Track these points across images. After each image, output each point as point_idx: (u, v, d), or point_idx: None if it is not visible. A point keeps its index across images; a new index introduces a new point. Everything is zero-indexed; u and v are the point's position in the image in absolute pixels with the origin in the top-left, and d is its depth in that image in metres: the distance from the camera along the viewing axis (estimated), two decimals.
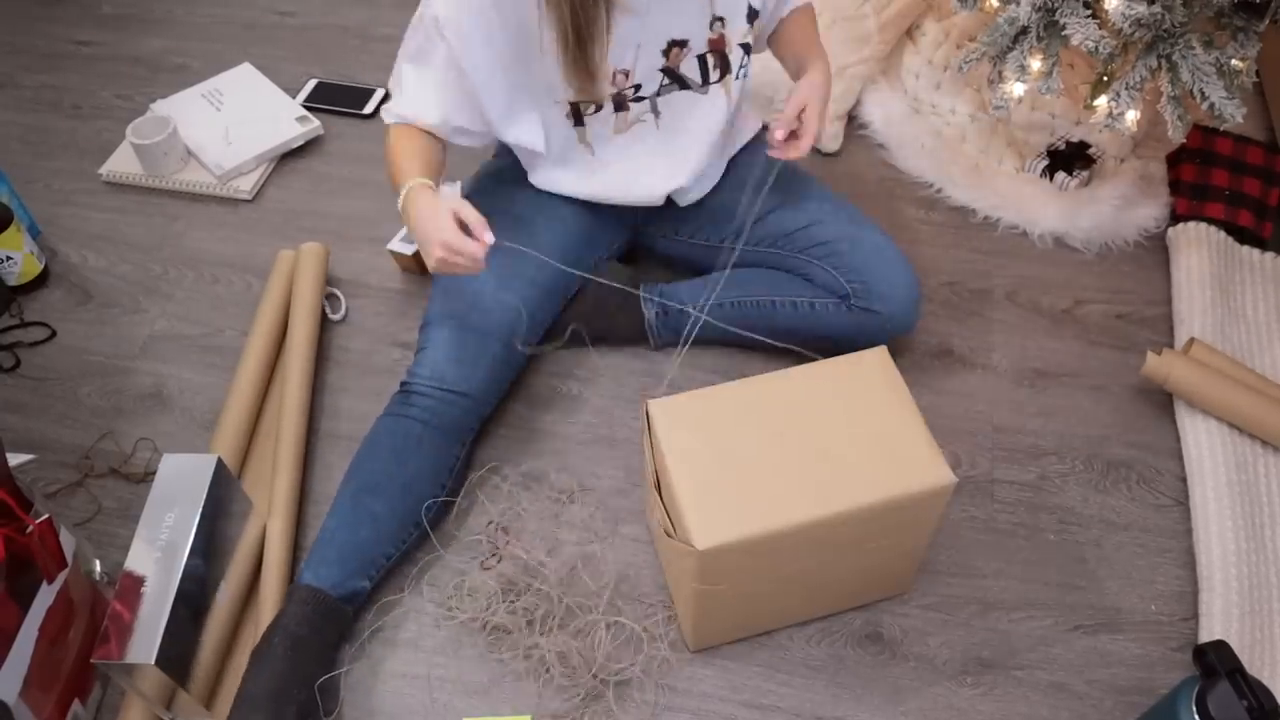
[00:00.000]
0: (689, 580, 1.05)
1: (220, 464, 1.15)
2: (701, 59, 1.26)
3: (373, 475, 1.23)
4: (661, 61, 1.24)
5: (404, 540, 1.23)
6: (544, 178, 1.36)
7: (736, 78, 1.30)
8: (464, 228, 1.12)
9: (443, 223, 1.11)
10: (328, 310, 1.52)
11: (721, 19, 1.24)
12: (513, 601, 1.22)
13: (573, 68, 1.17)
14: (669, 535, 1.07)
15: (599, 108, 1.26)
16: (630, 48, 1.21)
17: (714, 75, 1.28)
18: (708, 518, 1.01)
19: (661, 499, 1.09)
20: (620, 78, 1.23)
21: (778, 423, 1.08)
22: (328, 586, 1.15)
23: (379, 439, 1.25)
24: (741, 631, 1.18)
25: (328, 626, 1.14)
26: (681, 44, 1.23)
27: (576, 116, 1.27)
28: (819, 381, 1.12)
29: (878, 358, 1.13)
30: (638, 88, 1.26)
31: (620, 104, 1.27)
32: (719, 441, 1.07)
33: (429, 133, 1.25)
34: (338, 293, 1.55)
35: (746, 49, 1.28)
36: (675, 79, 1.27)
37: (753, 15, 1.25)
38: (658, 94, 1.27)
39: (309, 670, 1.10)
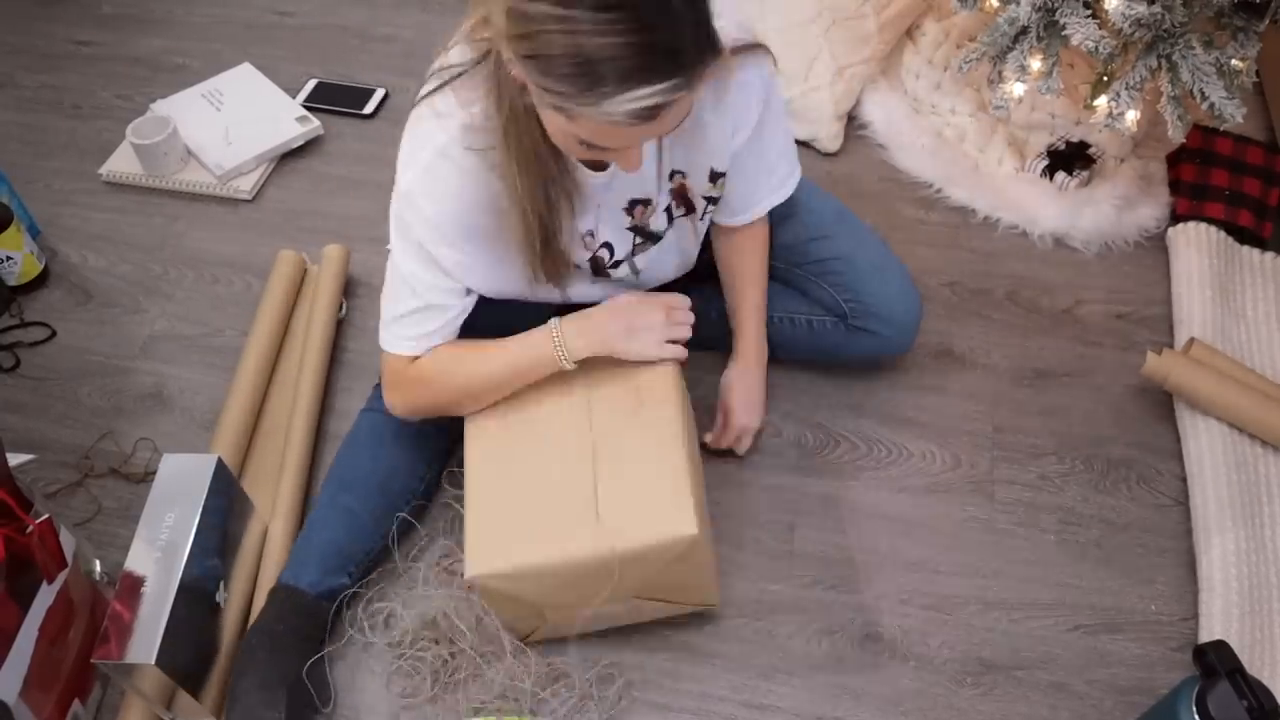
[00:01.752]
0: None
1: (220, 464, 1.15)
2: (667, 209, 1.16)
3: (349, 472, 1.23)
4: (627, 220, 1.14)
5: (382, 535, 1.23)
6: None
7: (701, 218, 1.20)
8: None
9: (641, 302, 1.10)
10: None
11: (682, 172, 1.13)
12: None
13: (540, 264, 1.07)
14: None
15: (576, 267, 1.17)
16: (590, 210, 1.10)
17: (678, 212, 1.18)
18: (485, 546, 1.05)
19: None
20: (588, 239, 1.13)
21: (564, 443, 1.10)
22: (305, 585, 1.15)
23: (357, 435, 1.26)
24: (551, 634, 1.18)
25: (306, 624, 1.14)
26: (645, 202, 1.13)
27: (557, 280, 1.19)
28: (608, 402, 1.13)
29: (664, 377, 1.14)
30: (611, 250, 1.16)
31: (599, 271, 1.18)
32: (512, 462, 1.11)
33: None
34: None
35: (712, 200, 1.19)
36: (646, 236, 1.17)
37: (715, 176, 1.15)
38: (633, 253, 1.18)
39: (290, 668, 1.10)
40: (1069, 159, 1.65)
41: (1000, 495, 1.32)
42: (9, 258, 1.53)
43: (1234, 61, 1.37)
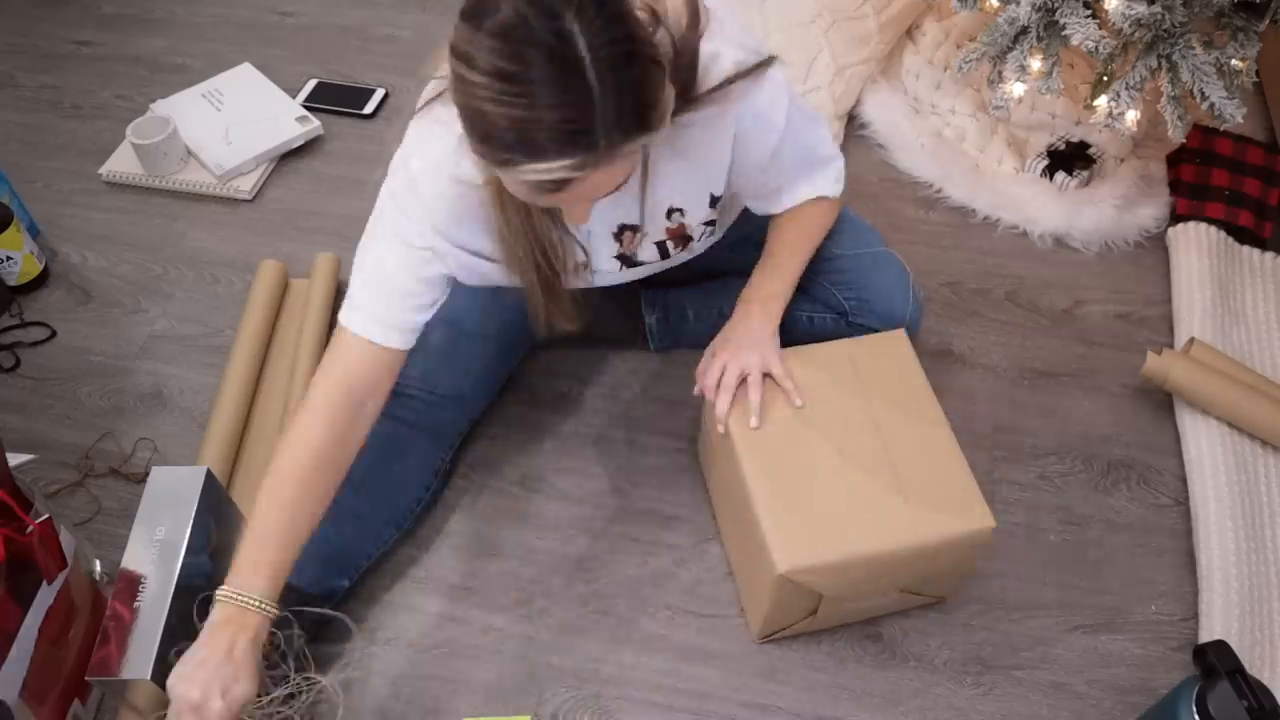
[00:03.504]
0: (765, 590, 1.09)
1: (210, 476, 1.14)
2: (660, 245, 1.14)
3: (359, 474, 1.22)
4: (615, 248, 1.12)
5: (385, 540, 1.23)
6: None
7: (699, 241, 1.18)
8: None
9: (213, 689, 0.91)
10: None
11: (680, 210, 1.10)
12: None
13: (542, 316, 1.07)
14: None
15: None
16: (579, 233, 1.09)
17: (674, 250, 1.16)
18: (789, 540, 1.04)
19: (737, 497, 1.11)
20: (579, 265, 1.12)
21: (835, 428, 1.12)
22: (305, 584, 1.14)
23: (367, 439, 1.25)
24: (806, 628, 1.18)
25: (306, 625, 1.13)
26: (634, 229, 1.10)
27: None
28: (858, 375, 1.17)
29: (897, 343, 1.20)
30: (590, 266, 1.15)
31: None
32: (785, 451, 1.11)
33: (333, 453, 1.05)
34: None
35: (710, 223, 1.16)
36: (630, 265, 1.16)
37: (715, 200, 1.13)
38: (619, 272, 1.18)
39: (287, 668, 1.09)
40: (1069, 159, 1.65)
41: (1000, 495, 1.32)
42: (9, 258, 1.53)
43: (1234, 61, 1.37)
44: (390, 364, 1.08)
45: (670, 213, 1.11)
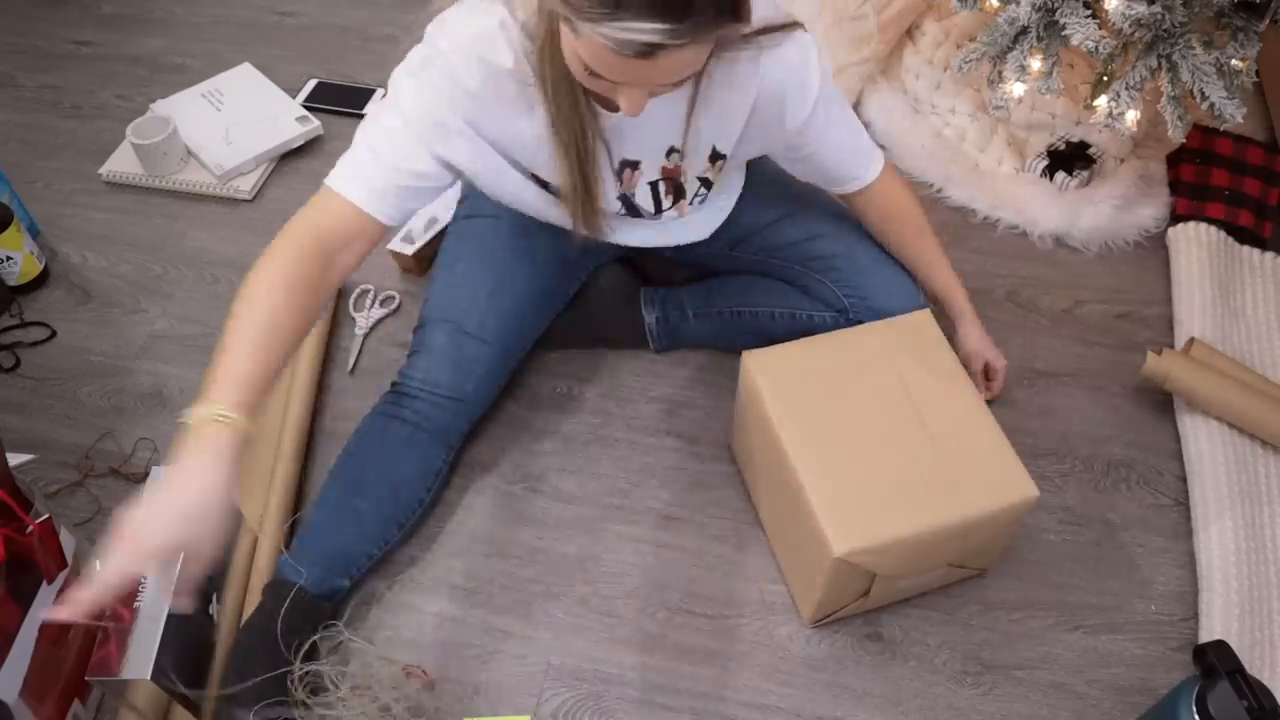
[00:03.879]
0: (820, 574, 1.10)
1: None
2: (654, 185, 1.17)
3: (361, 474, 1.23)
4: (616, 187, 1.15)
5: (387, 541, 1.23)
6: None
7: (691, 203, 1.21)
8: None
9: (167, 535, 0.84)
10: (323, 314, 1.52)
11: (679, 151, 1.13)
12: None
13: (580, 212, 1.10)
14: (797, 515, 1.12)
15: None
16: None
17: (666, 202, 1.19)
18: (843, 521, 1.06)
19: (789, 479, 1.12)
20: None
21: (875, 410, 1.14)
22: (309, 584, 1.15)
23: (369, 438, 1.25)
24: (857, 609, 1.20)
25: (307, 624, 1.14)
26: (634, 165, 1.13)
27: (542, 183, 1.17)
28: (897, 356, 1.19)
29: (922, 321, 1.23)
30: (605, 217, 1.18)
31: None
32: (829, 427, 1.13)
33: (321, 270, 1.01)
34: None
35: (706, 183, 1.19)
36: (629, 208, 1.18)
37: (717, 156, 1.16)
38: (616, 214, 1.20)
39: (290, 668, 1.10)
40: (1069, 159, 1.65)
41: None
42: (9, 258, 1.53)
43: (1234, 61, 1.37)
44: (367, 232, 1.04)
45: (670, 152, 1.13)
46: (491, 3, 0.98)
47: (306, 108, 1.85)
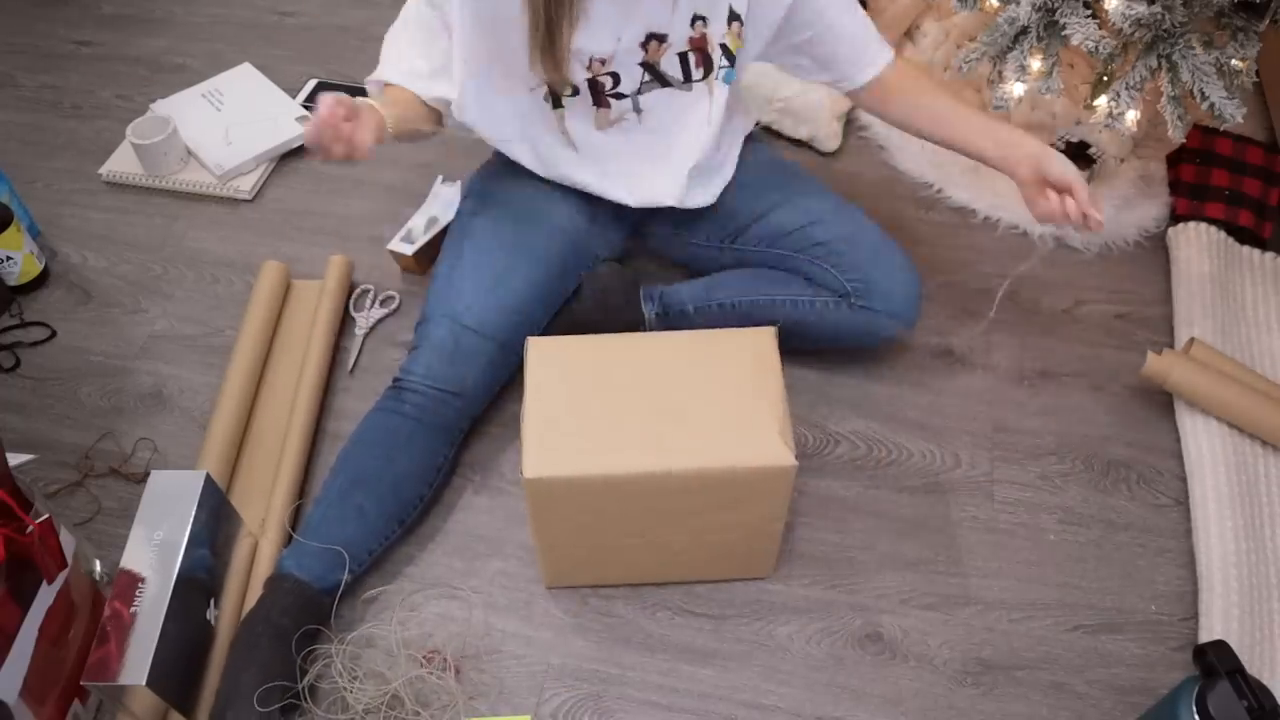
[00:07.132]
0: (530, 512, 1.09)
1: (209, 480, 1.14)
2: (683, 56, 1.23)
3: (363, 470, 1.23)
4: (640, 55, 1.21)
5: (388, 537, 1.23)
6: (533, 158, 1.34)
7: (718, 78, 1.26)
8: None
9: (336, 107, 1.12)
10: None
11: (704, 18, 1.20)
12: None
13: (539, 52, 1.16)
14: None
15: (575, 91, 1.23)
16: (609, 37, 1.18)
17: (696, 74, 1.25)
18: (545, 451, 1.04)
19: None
20: (597, 64, 1.20)
21: (643, 378, 1.10)
22: (311, 578, 1.15)
23: (370, 434, 1.25)
24: (594, 579, 1.20)
25: (310, 619, 1.14)
26: (661, 38, 1.20)
27: (555, 99, 1.25)
28: (698, 349, 1.13)
29: (764, 338, 1.13)
30: (616, 80, 1.23)
31: (599, 98, 1.24)
32: (580, 385, 1.10)
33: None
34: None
35: (728, 53, 1.24)
36: (655, 75, 1.24)
37: (733, 18, 1.22)
38: (639, 91, 1.25)
39: (290, 663, 1.10)
40: (1069, 159, 1.65)
41: (1000, 495, 1.32)
42: (9, 258, 1.53)
43: (1234, 61, 1.37)
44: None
45: (695, 20, 1.20)
46: None
47: (306, 108, 1.85)
